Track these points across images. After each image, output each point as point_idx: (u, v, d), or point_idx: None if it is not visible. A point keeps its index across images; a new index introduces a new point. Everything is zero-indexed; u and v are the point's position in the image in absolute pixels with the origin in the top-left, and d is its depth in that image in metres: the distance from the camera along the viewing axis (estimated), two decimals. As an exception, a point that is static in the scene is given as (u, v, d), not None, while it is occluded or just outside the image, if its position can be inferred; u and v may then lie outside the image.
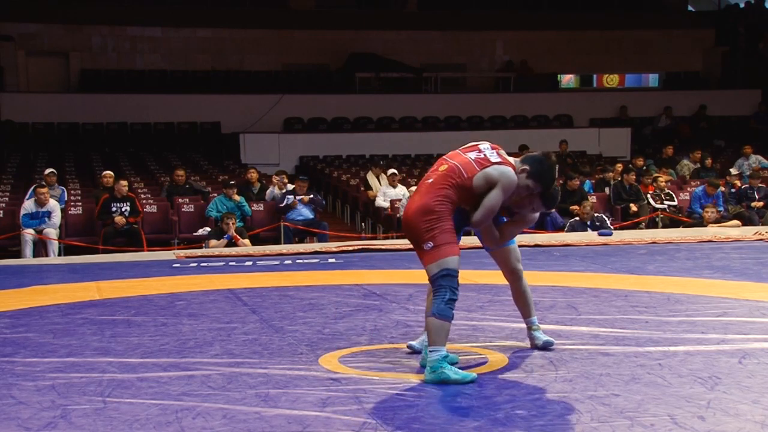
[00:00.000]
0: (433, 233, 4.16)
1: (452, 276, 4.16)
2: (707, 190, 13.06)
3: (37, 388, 4.14)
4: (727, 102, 21.96)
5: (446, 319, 4.15)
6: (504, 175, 4.27)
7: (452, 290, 4.16)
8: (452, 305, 4.16)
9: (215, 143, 19.46)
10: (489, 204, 4.28)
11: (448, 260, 4.15)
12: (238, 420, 3.61)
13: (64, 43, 20.95)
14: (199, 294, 7.02)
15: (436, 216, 4.18)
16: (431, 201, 4.21)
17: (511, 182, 4.28)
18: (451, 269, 4.16)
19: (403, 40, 22.59)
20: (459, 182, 4.23)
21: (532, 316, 4.81)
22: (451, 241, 4.19)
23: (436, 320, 4.14)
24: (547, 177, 4.37)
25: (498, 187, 4.25)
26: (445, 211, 4.20)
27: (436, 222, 4.17)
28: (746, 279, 7.38)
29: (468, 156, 4.33)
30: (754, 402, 3.75)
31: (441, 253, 4.15)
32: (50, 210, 11.09)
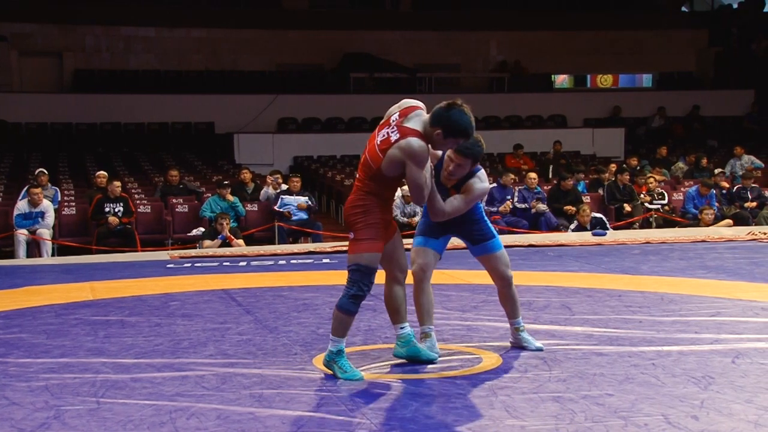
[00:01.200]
0: (357, 226, 4.16)
1: (363, 272, 4.13)
2: (701, 190, 13.09)
3: (31, 388, 4.13)
4: (720, 102, 22.01)
5: (347, 314, 4.18)
6: (405, 149, 4.02)
7: (360, 286, 4.14)
8: (356, 301, 4.16)
9: (209, 143, 19.43)
10: (412, 183, 4.10)
11: (363, 255, 4.13)
12: (233, 420, 3.61)
13: (57, 43, 20.89)
14: (193, 294, 7.01)
15: (361, 210, 4.16)
16: (356, 196, 4.21)
17: (417, 152, 4.02)
18: (363, 265, 4.13)
19: (397, 40, 22.59)
20: (373, 174, 4.16)
21: (519, 317, 4.81)
22: (372, 237, 4.15)
23: (338, 313, 4.18)
24: (460, 125, 4.06)
25: (408, 164, 4.05)
26: (370, 205, 4.16)
27: (362, 215, 4.15)
28: (739, 279, 7.40)
29: (377, 140, 4.15)
30: (747, 401, 3.76)
31: (358, 247, 4.15)
32: (43, 210, 11.07)
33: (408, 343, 4.45)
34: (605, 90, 22.60)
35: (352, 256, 4.17)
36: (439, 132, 4.08)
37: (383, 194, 4.21)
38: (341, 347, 4.20)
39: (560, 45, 23.14)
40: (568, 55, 23.02)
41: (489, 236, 4.67)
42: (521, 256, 9.28)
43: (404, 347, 4.46)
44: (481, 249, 4.68)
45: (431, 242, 4.65)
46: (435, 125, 4.09)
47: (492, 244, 4.67)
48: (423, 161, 4.07)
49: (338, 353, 4.20)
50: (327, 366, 4.24)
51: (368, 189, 4.18)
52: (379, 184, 4.17)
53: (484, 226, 4.68)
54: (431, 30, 22.75)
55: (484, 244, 4.66)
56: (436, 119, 4.09)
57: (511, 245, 10.23)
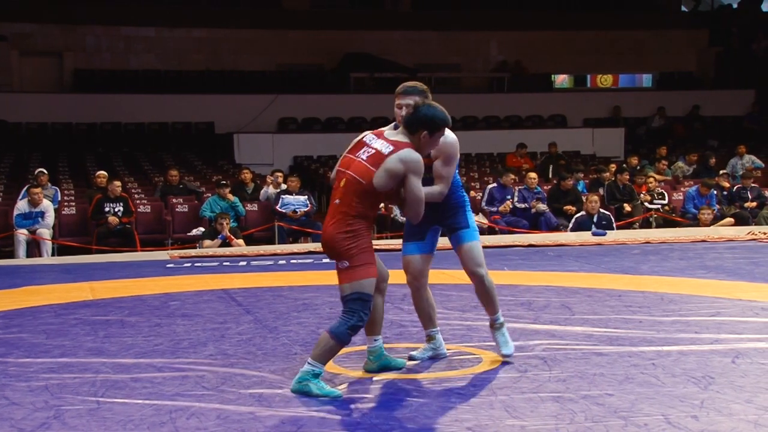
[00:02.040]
0: (351, 252, 3.99)
1: (364, 300, 3.99)
2: (701, 190, 13.08)
3: (31, 388, 4.13)
4: (720, 102, 22.01)
5: (340, 343, 3.98)
6: (406, 161, 3.98)
7: (360, 316, 3.98)
8: (354, 332, 4.00)
9: (209, 143, 19.43)
10: (412, 197, 4.01)
11: (363, 283, 3.98)
12: (233, 420, 3.61)
13: (57, 43, 20.89)
14: (193, 294, 7.01)
15: (351, 235, 3.99)
16: (342, 223, 4.02)
17: (417, 164, 3.99)
18: (365, 293, 3.98)
19: (398, 40, 22.59)
20: (362, 192, 4.00)
21: (496, 313, 4.60)
22: (369, 261, 4.02)
23: (330, 339, 3.97)
24: (438, 117, 4.08)
25: (409, 177, 3.98)
26: (359, 229, 4.01)
27: (353, 241, 3.99)
28: (739, 279, 7.40)
29: (359, 158, 4.06)
30: (747, 401, 3.76)
31: (356, 274, 3.98)
32: (43, 210, 11.06)
33: (379, 357, 4.37)
34: (605, 90, 22.59)
35: (351, 284, 3.99)
36: (425, 133, 4.07)
37: (369, 215, 4.07)
38: (321, 372, 4.01)
39: (560, 45, 23.14)
40: (569, 55, 23.02)
41: (463, 225, 4.44)
42: (521, 256, 9.28)
43: (376, 362, 4.37)
44: (455, 239, 4.47)
45: (419, 246, 4.51)
46: (418, 129, 4.07)
47: (465, 234, 4.43)
48: (421, 170, 4.04)
49: (315, 376, 3.98)
50: (300, 387, 3.97)
51: (355, 212, 4.01)
52: (366, 202, 4.02)
53: (460, 214, 4.46)
54: (431, 30, 22.75)
55: (458, 233, 4.45)
56: (415, 124, 4.08)
57: (511, 245, 10.24)
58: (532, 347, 4.84)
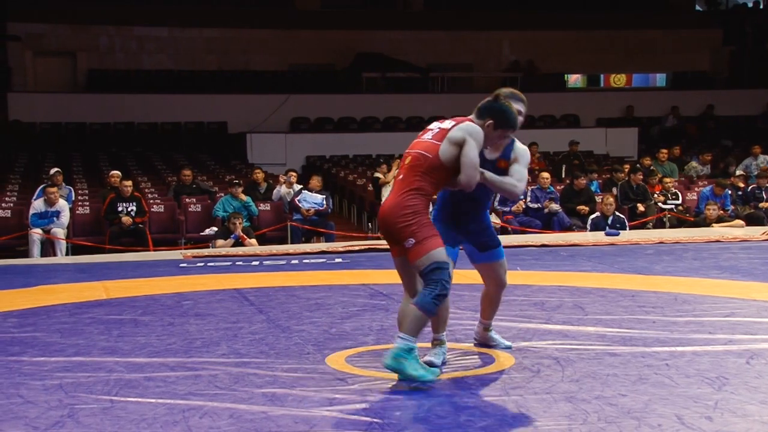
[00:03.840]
0: (412, 229, 4.01)
1: (442, 269, 4.02)
2: (715, 190, 13.03)
3: (45, 387, 4.15)
4: (734, 102, 21.90)
5: (428, 314, 4.02)
6: (467, 129, 4.10)
7: (443, 284, 4.01)
8: (439, 301, 4.01)
9: (222, 143, 19.48)
10: (467, 160, 4.07)
11: (434, 253, 3.99)
12: (245, 420, 3.62)
13: (71, 43, 20.99)
14: (206, 294, 7.03)
15: (411, 211, 4.03)
16: (403, 197, 4.07)
17: (478, 134, 4.11)
18: (441, 261, 4.01)
19: (410, 40, 22.58)
20: (427, 166, 4.08)
21: (492, 320, 4.84)
22: (433, 234, 4.06)
23: (417, 311, 3.99)
24: (511, 117, 4.22)
25: (467, 141, 4.07)
26: (419, 205, 4.05)
27: (413, 217, 4.02)
28: (754, 279, 7.36)
29: (425, 138, 4.19)
30: (762, 402, 3.74)
31: (425, 247, 3.99)
32: (59, 210, 11.12)
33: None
34: (618, 89, 22.53)
35: (423, 258, 3.99)
36: (491, 122, 4.17)
37: (429, 192, 4.11)
38: (414, 346, 3.99)
39: (573, 44, 23.09)
40: (581, 54, 22.97)
41: (496, 243, 4.66)
42: (534, 256, 9.26)
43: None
44: (488, 256, 4.64)
45: (448, 251, 4.49)
46: (485, 117, 4.19)
47: (499, 251, 4.65)
48: (480, 141, 4.12)
49: (410, 351, 3.97)
50: (395, 364, 3.96)
51: (416, 185, 4.06)
52: (428, 178, 4.07)
53: (492, 233, 4.68)
54: (444, 30, 22.74)
55: (492, 252, 4.63)
56: (486, 111, 4.20)
57: (524, 245, 10.22)
58: (545, 347, 4.83)
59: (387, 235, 4.18)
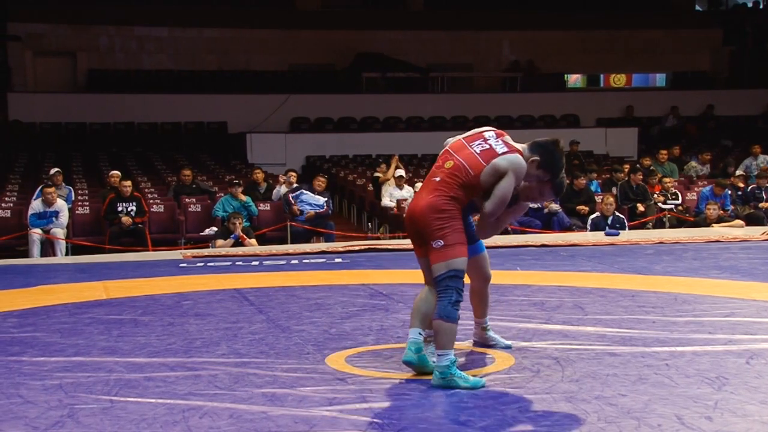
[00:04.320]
0: (444, 232, 4.05)
1: (459, 277, 4.07)
2: (715, 190, 13.03)
3: (45, 387, 4.15)
4: (734, 102, 21.90)
5: (453, 321, 4.06)
6: (513, 163, 4.12)
7: (458, 292, 4.07)
8: (458, 307, 4.08)
9: (222, 143, 19.49)
10: (501, 193, 4.12)
11: (457, 261, 4.05)
12: (245, 420, 3.62)
13: (71, 43, 21.00)
14: (206, 294, 7.03)
15: (447, 215, 4.07)
16: (440, 200, 4.09)
17: (521, 170, 4.14)
18: (459, 270, 4.06)
19: (410, 39, 22.59)
20: (465, 181, 4.11)
21: (486, 317, 4.84)
22: (462, 241, 4.10)
23: (443, 323, 4.03)
24: (558, 165, 4.24)
25: (508, 175, 4.11)
26: (454, 211, 4.09)
27: (448, 221, 4.06)
28: (754, 279, 7.36)
29: (473, 149, 4.19)
30: (762, 402, 3.74)
31: (451, 253, 4.04)
32: (58, 210, 11.12)
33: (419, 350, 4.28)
34: (618, 89, 22.54)
35: (446, 262, 4.03)
36: (537, 160, 4.18)
37: (464, 203, 4.15)
38: (453, 359, 4.04)
39: (573, 44, 23.09)
40: (581, 54, 22.97)
41: (476, 238, 4.60)
42: (534, 256, 9.26)
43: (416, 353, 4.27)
44: (471, 250, 4.49)
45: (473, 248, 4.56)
46: (535, 153, 4.20)
47: (480, 245, 4.64)
48: (520, 179, 4.17)
49: (451, 364, 4.02)
50: (444, 383, 4.00)
51: (454, 194, 4.09)
52: (468, 192, 4.12)
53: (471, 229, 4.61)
54: (444, 29, 22.75)
55: (473, 246, 4.52)
56: (538, 148, 4.23)
57: (524, 245, 10.22)
58: (544, 347, 4.83)
59: (414, 233, 4.20)
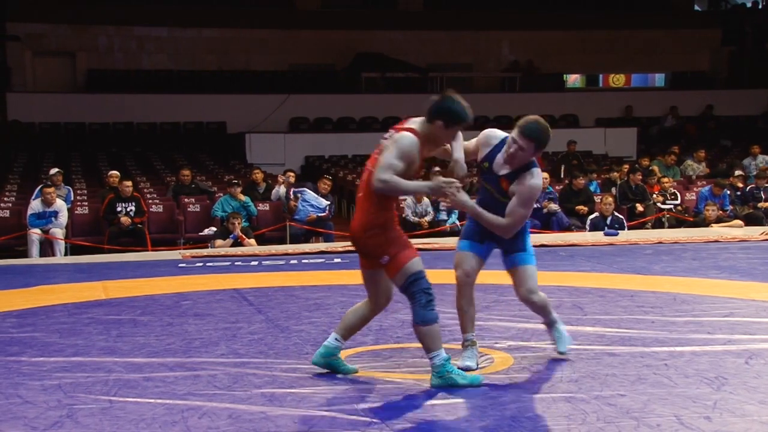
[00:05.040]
0: (383, 247, 4.04)
1: (419, 278, 4.03)
2: (714, 190, 13.03)
3: (44, 387, 4.15)
4: (733, 102, 21.90)
5: (431, 323, 4.03)
6: (396, 139, 4.05)
7: (425, 292, 4.03)
8: (431, 306, 4.05)
9: (221, 143, 19.48)
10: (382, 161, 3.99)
11: (408, 266, 4.02)
12: (244, 420, 3.62)
13: (70, 43, 20.99)
14: (205, 294, 7.03)
15: (377, 229, 4.05)
16: (366, 217, 4.08)
17: (401, 141, 4.02)
18: (415, 272, 4.03)
19: (409, 39, 22.58)
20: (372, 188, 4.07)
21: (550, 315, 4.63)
22: (404, 245, 4.07)
23: (422, 327, 4.02)
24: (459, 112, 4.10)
25: (391, 148, 4.02)
26: (384, 222, 4.07)
27: (381, 235, 4.05)
28: (753, 279, 7.37)
29: (375, 153, 4.16)
30: (760, 402, 3.74)
31: (399, 261, 4.03)
32: (57, 210, 11.11)
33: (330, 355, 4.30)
34: (618, 89, 22.52)
35: (400, 272, 4.03)
36: (440, 123, 4.10)
37: (389, 205, 4.11)
38: (445, 356, 4.06)
39: (572, 44, 23.09)
40: (581, 54, 22.96)
41: (517, 249, 4.46)
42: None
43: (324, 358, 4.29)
44: (509, 261, 4.48)
45: (476, 247, 4.49)
46: (435, 118, 4.11)
47: (517, 257, 4.46)
48: (404, 153, 4.01)
49: (446, 362, 4.04)
50: (443, 382, 4.02)
51: (376, 203, 4.05)
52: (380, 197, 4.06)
53: (519, 237, 4.46)
54: (443, 29, 22.74)
55: (511, 256, 4.47)
56: (434, 112, 4.12)
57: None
58: (544, 347, 4.83)
59: (359, 252, 4.20)
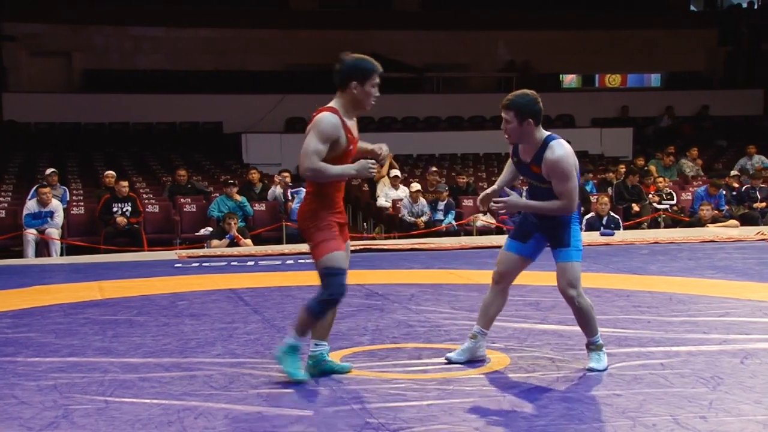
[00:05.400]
0: (310, 231, 4.14)
1: (333, 274, 4.08)
2: (709, 190, 13.05)
3: (39, 387, 4.15)
4: (729, 102, 21.94)
5: (312, 316, 4.12)
6: (313, 122, 4.10)
7: (331, 291, 4.08)
8: (325, 306, 4.11)
9: (217, 143, 19.45)
10: (302, 149, 4.03)
11: (327, 258, 4.09)
12: (240, 420, 3.62)
13: (66, 42, 20.96)
14: (201, 294, 7.02)
15: (310, 215, 4.15)
16: (305, 203, 4.22)
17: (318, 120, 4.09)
18: (332, 266, 4.09)
19: (406, 39, 22.58)
20: None
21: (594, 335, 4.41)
22: (327, 237, 4.11)
23: (305, 313, 4.13)
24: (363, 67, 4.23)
25: (309, 131, 4.07)
26: (316, 208, 4.13)
27: (313, 220, 4.14)
28: (748, 279, 7.38)
29: None
30: (756, 402, 3.75)
31: (320, 250, 4.11)
32: (53, 210, 11.10)
33: (318, 363, 4.30)
34: (614, 90, 22.56)
35: (320, 261, 4.11)
36: (355, 83, 4.13)
37: (326, 192, 4.14)
38: (297, 345, 4.16)
39: (569, 44, 23.10)
40: (577, 54, 22.98)
41: (562, 244, 4.29)
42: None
43: (315, 367, 4.30)
44: (554, 255, 4.35)
45: (516, 245, 4.44)
46: (346, 81, 4.14)
47: (559, 252, 4.30)
48: (323, 131, 4.04)
49: (292, 349, 4.16)
50: (277, 359, 4.19)
51: (313, 190, 4.14)
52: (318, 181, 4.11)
53: (562, 230, 4.29)
54: (440, 30, 22.74)
55: (554, 251, 4.34)
56: (344, 76, 4.16)
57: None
58: (540, 347, 4.84)
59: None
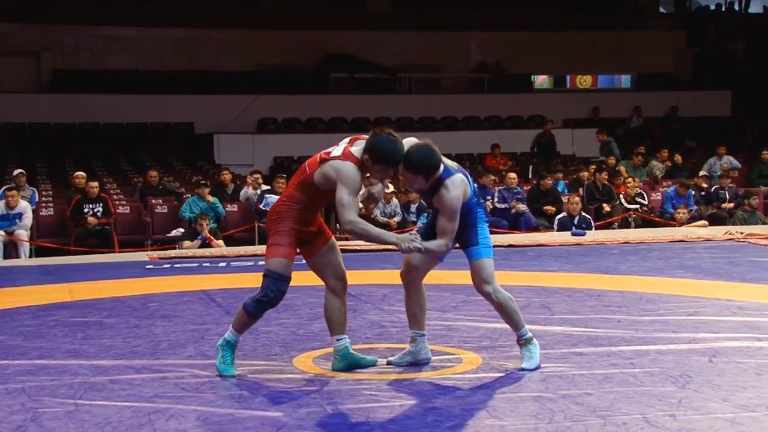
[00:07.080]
0: (270, 232, 4.31)
1: (272, 278, 4.25)
2: (679, 190, 13.17)
3: (7, 391, 4.10)
4: (698, 102, 22.17)
5: (248, 315, 4.30)
6: (338, 170, 4.14)
7: (266, 292, 4.25)
8: (259, 306, 4.27)
9: (189, 144, 19.33)
10: (336, 200, 4.12)
11: (272, 261, 4.26)
12: (212, 422, 3.60)
13: (35, 42, 20.71)
14: (173, 295, 6.98)
15: (276, 217, 4.29)
16: (278, 202, 4.35)
17: (345, 174, 4.12)
18: (273, 270, 4.25)
19: (378, 40, 22.57)
20: (302, 179, 4.27)
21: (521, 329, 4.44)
22: (280, 243, 4.26)
23: (242, 309, 4.30)
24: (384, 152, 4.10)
25: (339, 184, 4.13)
26: (285, 212, 4.26)
27: (276, 223, 4.28)
28: (717, 278, 7.46)
29: (317, 154, 4.33)
30: (724, 400, 3.79)
31: (269, 253, 4.29)
32: (21, 211, 10.96)
33: (345, 356, 4.37)
34: (584, 90, 22.69)
35: (266, 262, 4.30)
36: (368, 158, 4.19)
37: (300, 200, 4.25)
38: (235, 341, 4.34)
39: (540, 46, 23.21)
40: (548, 55, 23.09)
41: (472, 243, 4.36)
42: (501, 257, 9.27)
43: (342, 361, 4.36)
44: (466, 255, 4.42)
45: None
46: (365, 152, 4.20)
47: (470, 251, 4.36)
48: (351, 184, 4.13)
49: (229, 344, 4.33)
50: (217, 348, 4.37)
51: (289, 194, 4.29)
52: (303, 189, 4.26)
53: (470, 232, 4.38)
54: (412, 30, 22.77)
55: (466, 251, 4.40)
56: (366, 146, 4.21)
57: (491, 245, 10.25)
58: (511, 347, 4.86)
59: None
